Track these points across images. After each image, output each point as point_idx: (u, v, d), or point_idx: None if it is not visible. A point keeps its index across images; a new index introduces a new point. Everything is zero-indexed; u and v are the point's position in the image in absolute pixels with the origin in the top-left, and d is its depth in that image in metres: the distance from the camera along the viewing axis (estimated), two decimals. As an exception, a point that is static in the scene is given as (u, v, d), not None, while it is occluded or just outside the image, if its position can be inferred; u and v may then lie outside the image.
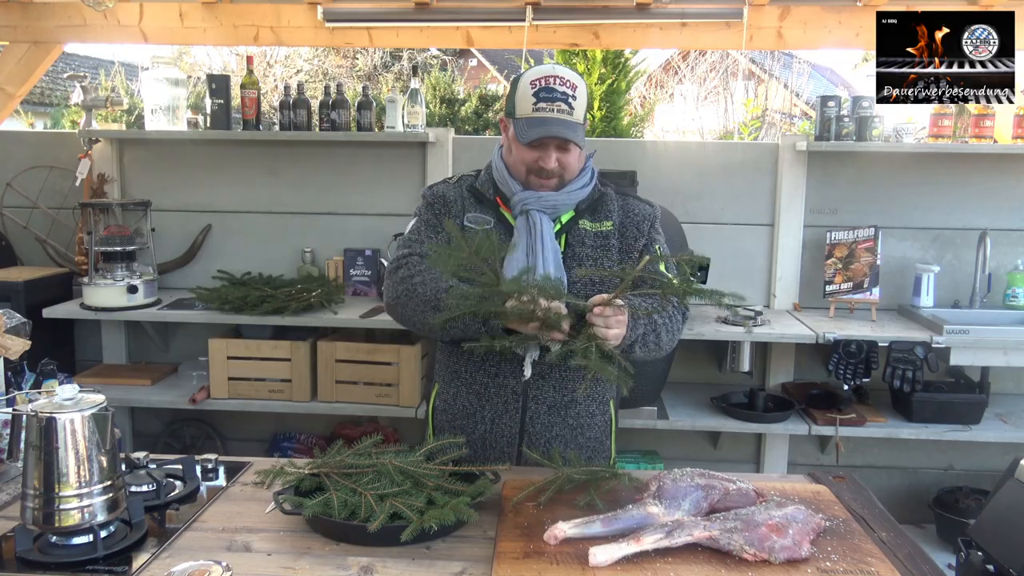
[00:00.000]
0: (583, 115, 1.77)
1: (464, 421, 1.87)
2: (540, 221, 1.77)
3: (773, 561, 1.36)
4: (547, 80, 1.74)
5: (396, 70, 11.67)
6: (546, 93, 1.73)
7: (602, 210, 1.86)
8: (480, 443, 1.84)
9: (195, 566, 1.35)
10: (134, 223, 3.46)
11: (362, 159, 3.49)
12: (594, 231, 1.83)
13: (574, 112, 1.74)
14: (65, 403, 1.45)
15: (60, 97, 10.65)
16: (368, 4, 3.67)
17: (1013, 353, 2.92)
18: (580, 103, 1.75)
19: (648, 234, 1.87)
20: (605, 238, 1.83)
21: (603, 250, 1.83)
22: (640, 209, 1.89)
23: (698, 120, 11.18)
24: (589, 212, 1.85)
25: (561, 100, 1.73)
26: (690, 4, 3.53)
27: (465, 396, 1.87)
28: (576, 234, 1.83)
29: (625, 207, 1.89)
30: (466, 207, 1.86)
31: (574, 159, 1.79)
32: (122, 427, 3.52)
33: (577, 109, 1.75)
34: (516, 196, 1.81)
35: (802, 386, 3.33)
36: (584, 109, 1.78)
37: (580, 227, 1.83)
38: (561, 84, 1.74)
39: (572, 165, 1.79)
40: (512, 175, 1.83)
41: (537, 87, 1.74)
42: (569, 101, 1.73)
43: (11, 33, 3.71)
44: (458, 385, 1.88)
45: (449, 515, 1.44)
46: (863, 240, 3.20)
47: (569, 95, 1.74)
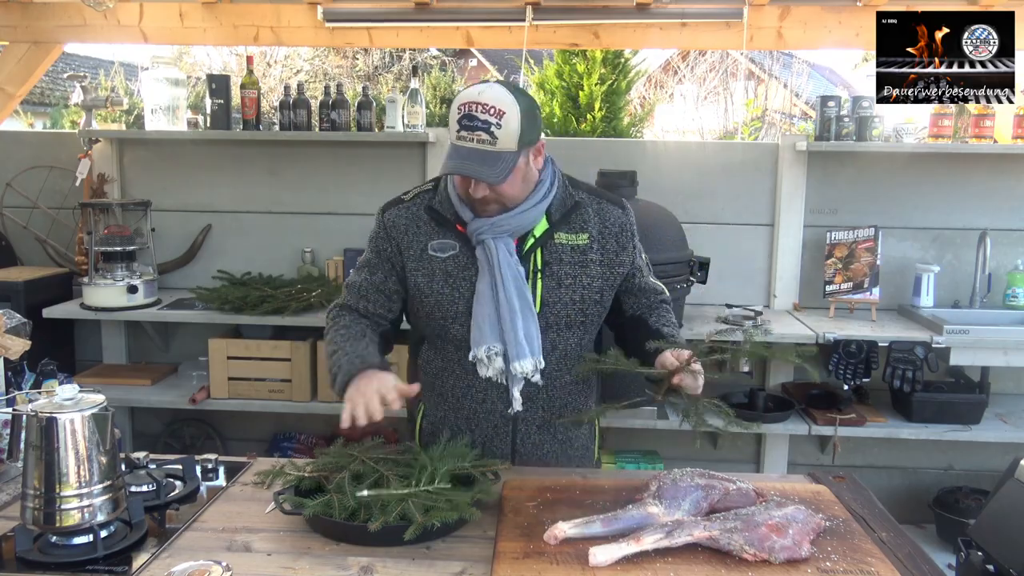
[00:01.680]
0: (514, 141, 1.61)
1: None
2: (496, 249, 1.68)
3: (773, 561, 1.36)
4: (470, 106, 1.60)
5: (396, 70, 11.67)
6: (467, 121, 1.60)
7: (577, 220, 1.77)
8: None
9: (195, 566, 1.35)
10: (134, 223, 3.45)
11: (362, 159, 3.49)
12: (571, 245, 1.75)
13: (497, 142, 1.59)
14: (65, 403, 1.45)
15: (60, 97, 10.65)
16: (368, 4, 3.67)
17: (1013, 353, 2.92)
18: (507, 130, 1.59)
19: (630, 246, 1.81)
20: (583, 252, 1.75)
21: (581, 266, 1.75)
22: (615, 217, 1.80)
23: (698, 120, 11.18)
24: (564, 223, 1.75)
25: (482, 129, 1.59)
26: (690, 4, 3.53)
27: (453, 420, 1.83)
28: (552, 249, 1.74)
29: (601, 214, 1.79)
30: (426, 232, 1.77)
31: (508, 188, 1.65)
32: (122, 427, 3.52)
33: (502, 138, 1.59)
34: (470, 226, 1.72)
35: (802, 386, 3.33)
36: (515, 135, 1.61)
37: (556, 241, 1.74)
38: (483, 111, 1.59)
39: (508, 193, 1.66)
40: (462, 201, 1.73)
41: (461, 113, 1.61)
42: (491, 130, 1.59)
43: (11, 33, 3.71)
44: (445, 409, 1.85)
45: (452, 513, 1.44)
46: (863, 240, 3.20)
47: (492, 123, 1.58)
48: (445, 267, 1.74)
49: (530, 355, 1.70)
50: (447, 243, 1.75)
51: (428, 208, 1.78)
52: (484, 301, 1.70)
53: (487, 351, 1.70)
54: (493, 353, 1.70)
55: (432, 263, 1.75)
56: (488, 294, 1.69)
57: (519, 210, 1.70)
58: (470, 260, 1.74)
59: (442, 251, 1.75)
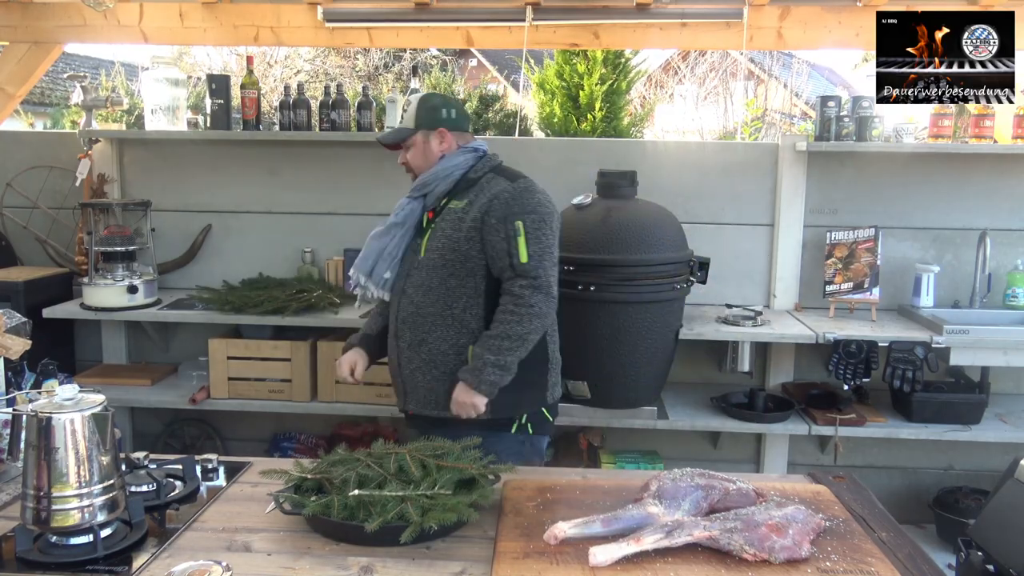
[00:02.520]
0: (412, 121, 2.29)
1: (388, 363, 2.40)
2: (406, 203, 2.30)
3: (773, 561, 1.36)
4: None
5: (396, 70, 11.66)
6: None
7: (469, 192, 2.25)
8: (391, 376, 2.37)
9: (195, 566, 1.35)
10: (134, 223, 3.46)
11: (362, 159, 3.49)
12: (454, 208, 2.23)
13: (402, 121, 2.32)
14: (65, 403, 1.45)
15: (60, 97, 10.65)
16: (368, 4, 3.67)
17: (1013, 353, 2.92)
18: (408, 115, 2.30)
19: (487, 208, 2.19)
20: (461, 213, 2.21)
21: (453, 223, 2.21)
22: (500, 187, 2.22)
23: (698, 120, 11.18)
24: (456, 194, 2.26)
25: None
26: (690, 4, 3.53)
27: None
28: (442, 213, 2.26)
29: (493, 187, 2.23)
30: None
31: (413, 156, 2.31)
32: (122, 427, 3.52)
33: (405, 119, 2.30)
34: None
35: (802, 386, 3.33)
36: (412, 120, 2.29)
37: (447, 207, 2.25)
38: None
39: (412, 161, 2.31)
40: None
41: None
42: (401, 116, 2.34)
43: (11, 33, 3.71)
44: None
45: (450, 515, 1.44)
46: (863, 240, 3.20)
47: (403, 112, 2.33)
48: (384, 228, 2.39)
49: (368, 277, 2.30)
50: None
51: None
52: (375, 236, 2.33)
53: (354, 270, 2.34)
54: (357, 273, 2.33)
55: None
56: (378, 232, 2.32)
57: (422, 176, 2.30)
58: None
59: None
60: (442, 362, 2.22)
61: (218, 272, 3.50)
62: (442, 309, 2.21)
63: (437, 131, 2.30)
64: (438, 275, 2.21)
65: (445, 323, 2.21)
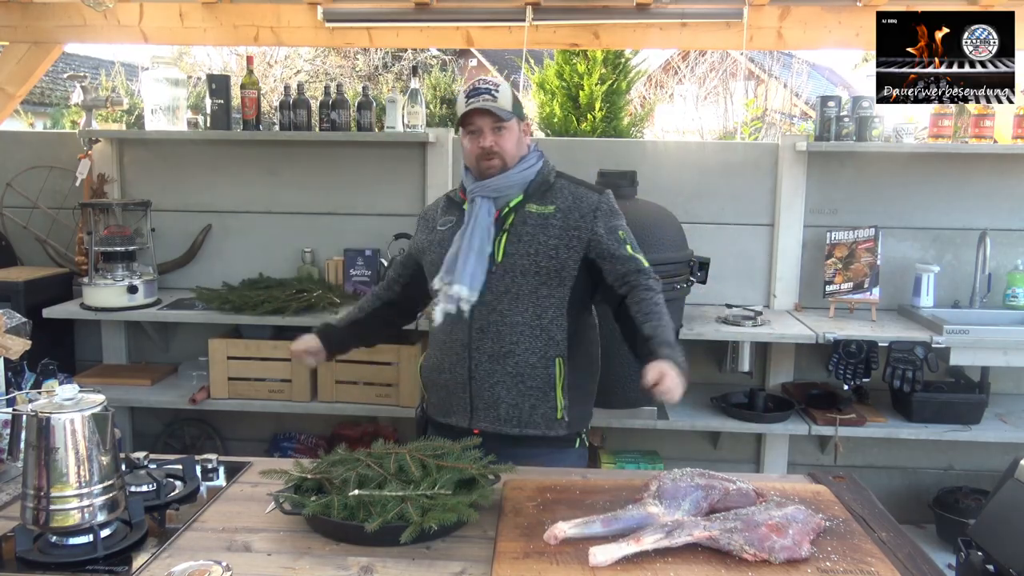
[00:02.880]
0: (509, 105, 2.06)
1: (435, 375, 2.19)
2: (480, 206, 2.09)
3: (773, 561, 1.36)
4: (474, 84, 2.09)
5: (396, 70, 11.66)
6: (473, 92, 2.06)
7: (549, 196, 2.12)
8: (444, 391, 2.15)
9: (195, 566, 1.35)
10: (134, 223, 3.46)
11: (362, 159, 3.49)
12: (538, 212, 2.09)
13: (497, 100, 2.05)
14: (65, 403, 1.45)
15: (60, 97, 10.65)
16: (368, 4, 3.67)
17: (1013, 353, 2.92)
18: (503, 95, 2.06)
19: (592, 218, 2.08)
20: (546, 219, 2.08)
21: (542, 228, 2.07)
22: (585, 196, 2.12)
23: (698, 120, 11.18)
24: (537, 197, 2.11)
25: (484, 93, 2.05)
26: (690, 4, 3.53)
27: (434, 353, 2.20)
28: (521, 215, 2.09)
29: (575, 194, 2.13)
30: (441, 213, 2.25)
31: (507, 142, 2.08)
32: (122, 427, 3.52)
33: (501, 99, 2.05)
34: (468, 188, 2.14)
35: (802, 386, 3.33)
36: (510, 100, 2.07)
37: (526, 209, 2.10)
38: (484, 83, 2.09)
39: (506, 147, 2.08)
40: (468, 172, 2.17)
41: (468, 91, 2.08)
42: (492, 92, 2.05)
43: (11, 33, 3.71)
44: (434, 346, 2.21)
45: (450, 515, 1.44)
46: (863, 240, 3.20)
47: (492, 89, 2.06)
48: (442, 235, 2.18)
49: (467, 285, 2.03)
50: (449, 219, 2.20)
51: (447, 197, 2.29)
52: (453, 243, 2.10)
53: (440, 279, 2.09)
54: (445, 282, 2.07)
55: (436, 234, 2.21)
56: (457, 240, 2.10)
57: (506, 174, 2.10)
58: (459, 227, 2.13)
59: (444, 225, 2.20)
60: (530, 375, 2.07)
61: (218, 272, 3.50)
62: (531, 319, 2.06)
63: (525, 123, 2.18)
64: (528, 282, 2.06)
65: (534, 334, 2.06)
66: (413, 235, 2.38)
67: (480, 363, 2.08)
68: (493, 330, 2.07)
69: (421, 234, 2.28)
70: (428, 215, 2.31)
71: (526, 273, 2.06)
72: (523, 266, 2.06)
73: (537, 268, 2.06)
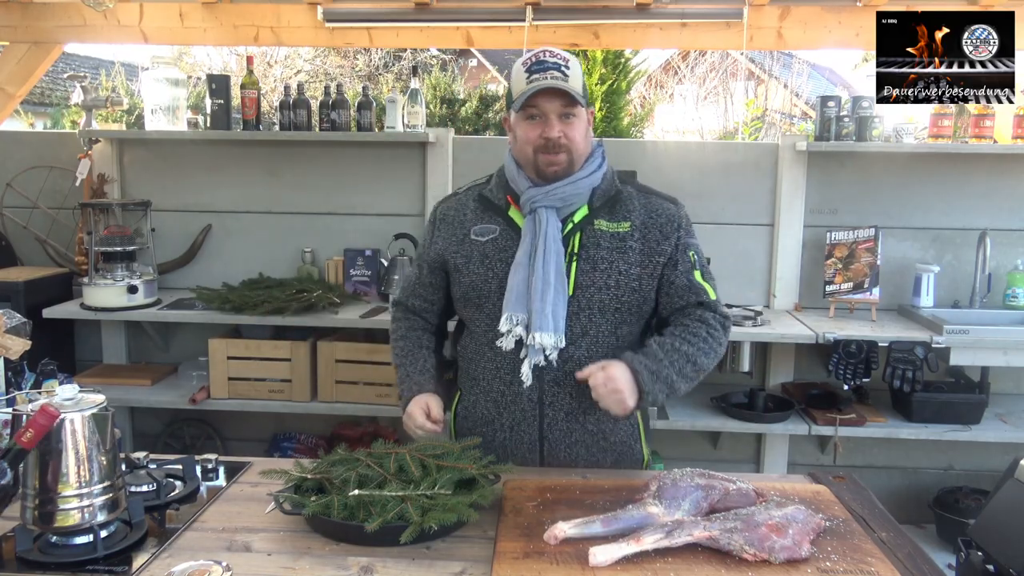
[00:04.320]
0: (580, 87, 1.68)
1: (483, 428, 1.84)
2: (546, 220, 1.70)
3: (773, 561, 1.36)
4: (537, 56, 1.69)
5: (396, 70, 11.66)
6: (538, 66, 1.67)
7: (620, 209, 1.76)
8: (501, 449, 1.81)
9: (195, 566, 1.35)
10: (134, 223, 3.46)
11: (362, 159, 3.49)
12: (611, 232, 1.74)
13: (569, 79, 1.66)
14: (65, 403, 1.45)
15: (60, 97, 10.64)
16: (368, 4, 3.67)
17: (1013, 353, 2.92)
18: (574, 73, 1.68)
19: (676, 238, 1.76)
20: (622, 239, 1.73)
21: (620, 252, 1.73)
22: (664, 209, 1.78)
23: (698, 120, 11.19)
24: (606, 211, 1.75)
25: (553, 68, 1.66)
26: (690, 4, 3.53)
27: (484, 404, 1.84)
28: (591, 234, 1.73)
29: (648, 206, 1.77)
30: (471, 219, 1.83)
31: (578, 132, 1.70)
32: (122, 427, 3.52)
33: (572, 78, 1.66)
34: (525, 195, 1.74)
35: (802, 386, 3.33)
36: (580, 81, 1.69)
37: (596, 227, 1.74)
38: (551, 56, 1.68)
39: (576, 139, 1.70)
40: (520, 171, 1.76)
41: (529, 64, 1.69)
42: (562, 69, 1.66)
43: (11, 33, 3.71)
44: (477, 393, 1.85)
45: (450, 515, 1.44)
46: (863, 240, 3.20)
47: (561, 64, 1.67)
48: (483, 249, 1.78)
49: (552, 330, 1.67)
50: (488, 227, 1.79)
51: (478, 196, 1.84)
52: (519, 270, 1.70)
53: (509, 319, 1.70)
54: (515, 323, 1.70)
55: (471, 247, 1.79)
56: (525, 263, 1.70)
57: (574, 178, 1.72)
58: (509, 242, 1.76)
59: (482, 235, 1.79)
60: (611, 431, 1.80)
61: (218, 272, 3.50)
62: None
63: (591, 111, 1.79)
64: (608, 321, 1.73)
65: None
66: (427, 241, 1.91)
67: (556, 422, 1.77)
68: (571, 382, 1.73)
69: (444, 242, 1.84)
70: (450, 217, 1.86)
71: (605, 310, 1.72)
72: (601, 302, 1.72)
73: (618, 303, 1.73)
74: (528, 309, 1.69)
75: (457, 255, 1.81)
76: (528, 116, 1.70)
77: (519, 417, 1.80)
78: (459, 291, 1.82)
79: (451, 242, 1.83)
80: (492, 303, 1.76)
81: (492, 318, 1.77)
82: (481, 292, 1.77)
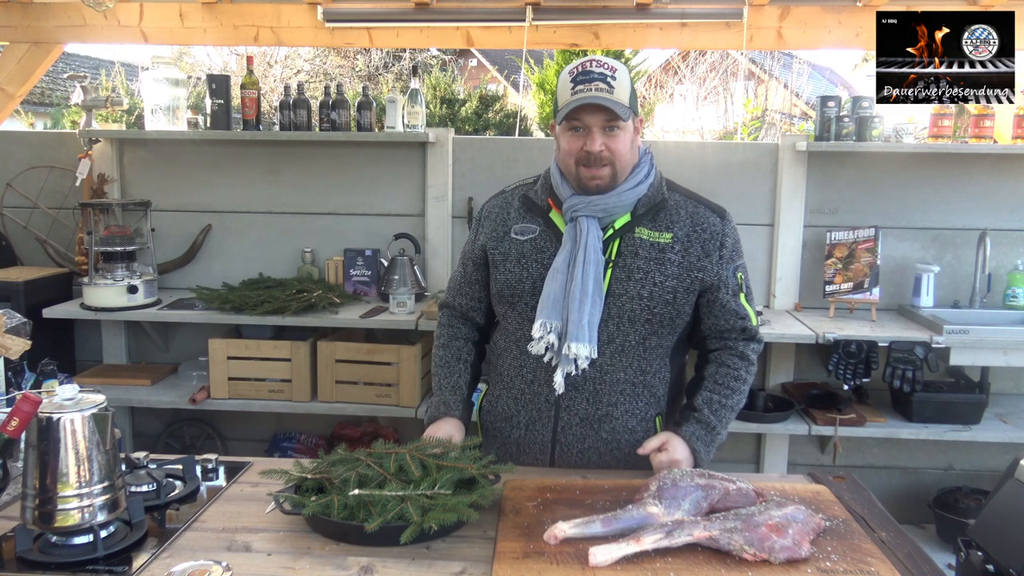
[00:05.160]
0: (627, 97, 1.66)
1: (503, 424, 1.87)
2: (587, 229, 1.69)
3: (773, 561, 1.36)
4: (583, 65, 1.68)
5: (396, 70, 11.68)
6: (583, 76, 1.66)
7: (664, 218, 1.75)
8: (515, 447, 1.84)
9: (195, 566, 1.35)
10: (134, 223, 3.46)
11: (362, 159, 3.49)
12: (651, 241, 1.72)
13: (614, 91, 1.64)
14: (65, 403, 1.45)
15: (60, 97, 10.66)
16: (368, 4, 3.67)
17: (1013, 353, 2.92)
18: (621, 83, 1.66)
19: (718, 256, 1.74)
20: (662, 251, 1.71)
21: (657, 263, 1.71)
22: (706, 221, 1.75)
23: (698, 120, 11.19)
24: (648, 219, 1.74)
25: (599, 80, 1.64)
26: (690, 4, 3.53)
27: (505, 400, 1.86)
28: (629, 242, 1.72)
29: (694, 217, 1.75)
30: (514, 218, 1.84)
31: (622, 145, 1.68)
32: (122, 427, 3.52)
33: (618, 89, 1.65)
34: (567, 202, 1.74)
35: (802, 386, 3.33)
36: (628, 92, 1.67)
37: (636, 235, 1.73)
38: (598, 66, 1.66)
39: (621, 152, 1.69)
40: (564, 179, 1.76)
41: (574, 74, 1.68)
42: (608, 80, 1.64)
43: (11, 33, 3.71)
44: (500, 388, 1.87)
45: (450, 515, 1.44)
46: (863, 240, 3.20)
47: (607, 75, 1.65)
48: (522, 248, 1.79)
49: (588, 341, 1.67)
50: (529, 227, 1.81)
51: (523, 197, 1.86)
52: (556, 276, 1.70)
53: (543, 325, 1.69)
54: (548, 330, 1.69)
55: (511, 244, 1.81)
56: (563, 270, 1.70)
57: (619, 189, 1.72)
58: (548, 243, 1.77)
59: (522, 234, 1.80)
60: (627, 441, 1.78)
61: (218, 272, 3.51)
62: (635, 375, 1.75)
63: (639, 119, 1.77)
64: (637, 331, 1.72)
65: (635, 392, 1.76)
66: (471, 238, 1.93)
67: (570, 426, 1.78)
68: (590, 388, 1.75)
69: (486, 237, 1.86)
70: (494, 214, 1.88)
71: (635, 320, 1.71)
72: (633, 312, 1.71)
73: (650, 315, 1.71)
74: (563, 317, 1.69)
75: (496, 251, 1.82)
76: (571, 127, 1.69)
77: (535, 416, 1.81)
78: (495, 287, 1.84)
79: (492, 237, 1.85)
80: (524, 302, 1.78)
81: (523, 318, 1.78)
82: (515, 291, 1.78)
